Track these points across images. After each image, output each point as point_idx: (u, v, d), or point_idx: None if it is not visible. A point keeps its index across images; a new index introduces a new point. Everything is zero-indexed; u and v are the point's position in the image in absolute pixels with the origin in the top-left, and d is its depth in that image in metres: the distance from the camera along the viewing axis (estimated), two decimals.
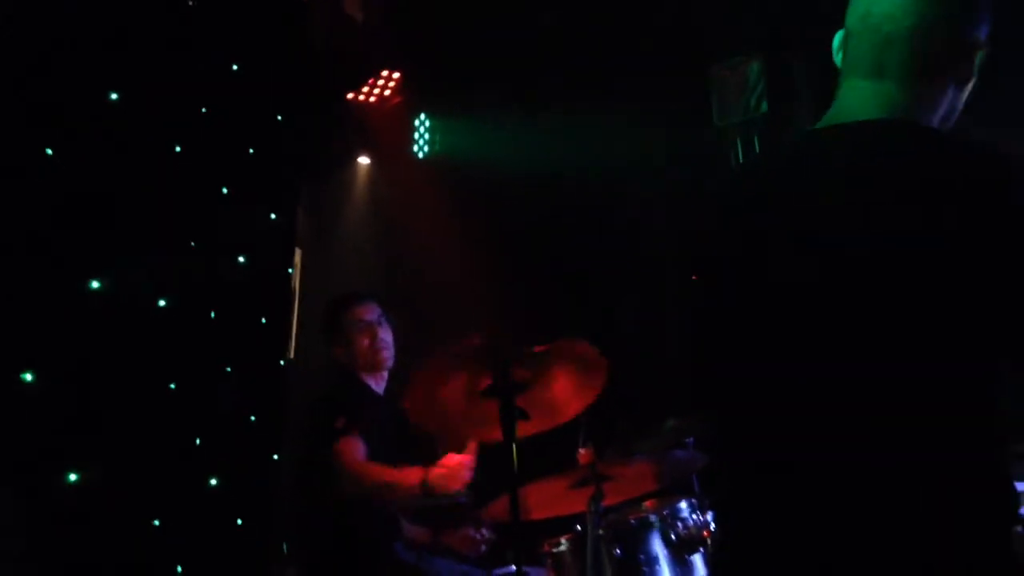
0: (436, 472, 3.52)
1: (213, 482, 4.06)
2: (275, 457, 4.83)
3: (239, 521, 4.24)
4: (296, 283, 5.53)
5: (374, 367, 4.07)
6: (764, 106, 4.95)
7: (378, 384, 4.11)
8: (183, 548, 3.80)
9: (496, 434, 2.88)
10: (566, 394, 3.11)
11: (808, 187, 1.54)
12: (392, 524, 3.97)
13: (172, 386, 3.85)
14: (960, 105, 1.66)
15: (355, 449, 3.73)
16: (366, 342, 4.05)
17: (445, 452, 3.61)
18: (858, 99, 1.61)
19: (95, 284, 3.31)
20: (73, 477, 3.09)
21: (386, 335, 4.10)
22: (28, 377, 2.95)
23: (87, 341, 3.30)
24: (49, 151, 3.14)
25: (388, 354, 4.08)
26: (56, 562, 2.99)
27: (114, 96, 3.41)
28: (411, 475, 3.56)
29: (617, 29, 5.27)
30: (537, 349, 2.94)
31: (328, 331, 4.18)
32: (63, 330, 3.18)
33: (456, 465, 3.51)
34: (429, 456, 3.67)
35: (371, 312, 4.12)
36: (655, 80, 5.14)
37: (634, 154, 5.30)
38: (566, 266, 5.56)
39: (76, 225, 3.27)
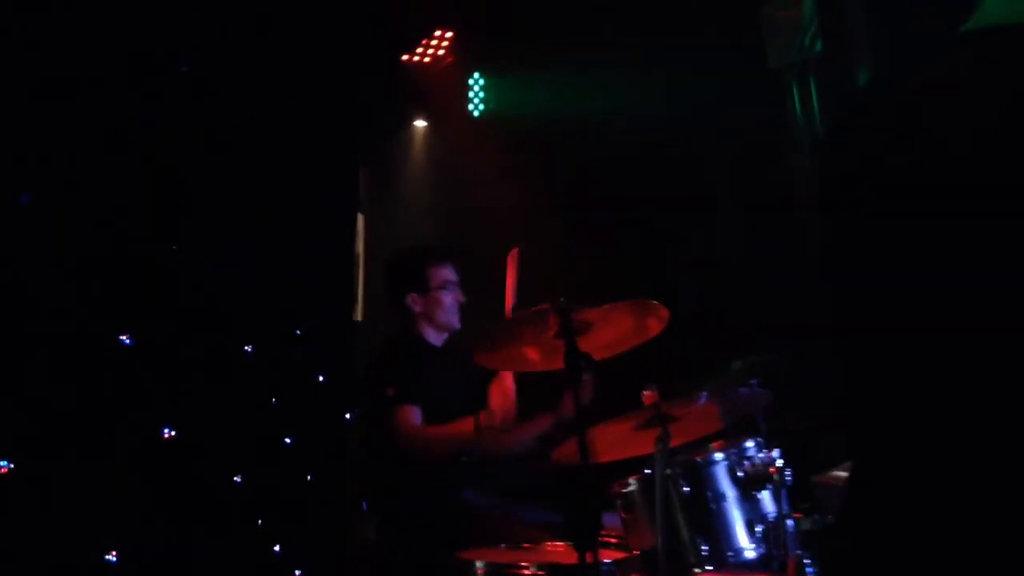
0: (484, 413, 3.71)
1: (288, 440, 4.21)
2: (347, 416, 4.98)
3: (311, 477, 4.38)
4: (360, 248, 5.61)
5: (445, 327, 4.08)
6: (819, 45, 4.86)
7: (437, 337, 4.11)
8: (263, 503, 3.95)
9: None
10: (626, 333, 3.20)
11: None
12: (459, 472, 3.96)
13: (247, 348, 4.00)
14: None
15: (410, 416, 3.78)
16: (449, 301, 4.05)
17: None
18: None
19: (172, 254, 3.43)
20: (166, 433, 3.24)
21: (463, 298, 4.11)
22: (125, 339, 3.10)
23: (171, 307, 3.45)
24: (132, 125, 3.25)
25: (459, 317, 4.11)
26: (147, 511, 3.14)
27: (184, 68, 3.51)
28: (464, 424, 3.72)
29: None
30: (599, 310, 3.04)
31: (407, 281, 4.10)
32: (151, 297, 3.33)
33: (499, 399, 3.77)
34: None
35: (455, 273, 4.12)
36: (706, 24, 5.09)
37: (688, 101, 5.27)
38: (624, 216, 5.56)
39: (153, 201, 3.39)
